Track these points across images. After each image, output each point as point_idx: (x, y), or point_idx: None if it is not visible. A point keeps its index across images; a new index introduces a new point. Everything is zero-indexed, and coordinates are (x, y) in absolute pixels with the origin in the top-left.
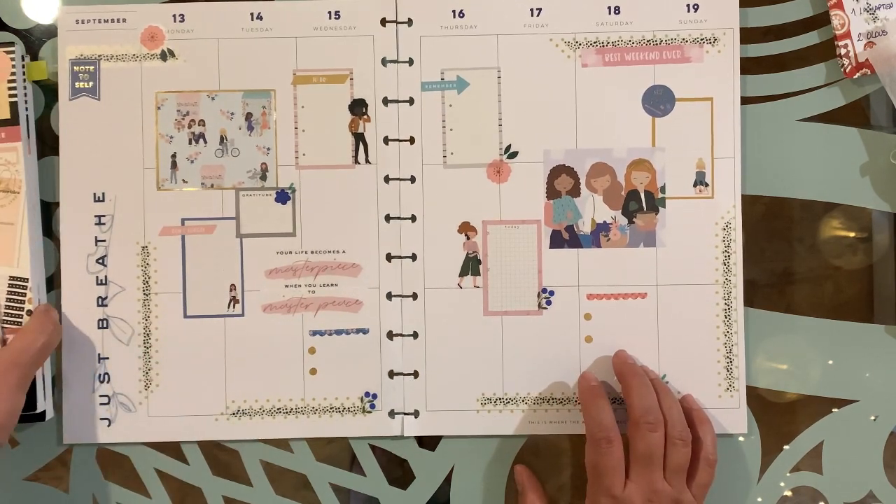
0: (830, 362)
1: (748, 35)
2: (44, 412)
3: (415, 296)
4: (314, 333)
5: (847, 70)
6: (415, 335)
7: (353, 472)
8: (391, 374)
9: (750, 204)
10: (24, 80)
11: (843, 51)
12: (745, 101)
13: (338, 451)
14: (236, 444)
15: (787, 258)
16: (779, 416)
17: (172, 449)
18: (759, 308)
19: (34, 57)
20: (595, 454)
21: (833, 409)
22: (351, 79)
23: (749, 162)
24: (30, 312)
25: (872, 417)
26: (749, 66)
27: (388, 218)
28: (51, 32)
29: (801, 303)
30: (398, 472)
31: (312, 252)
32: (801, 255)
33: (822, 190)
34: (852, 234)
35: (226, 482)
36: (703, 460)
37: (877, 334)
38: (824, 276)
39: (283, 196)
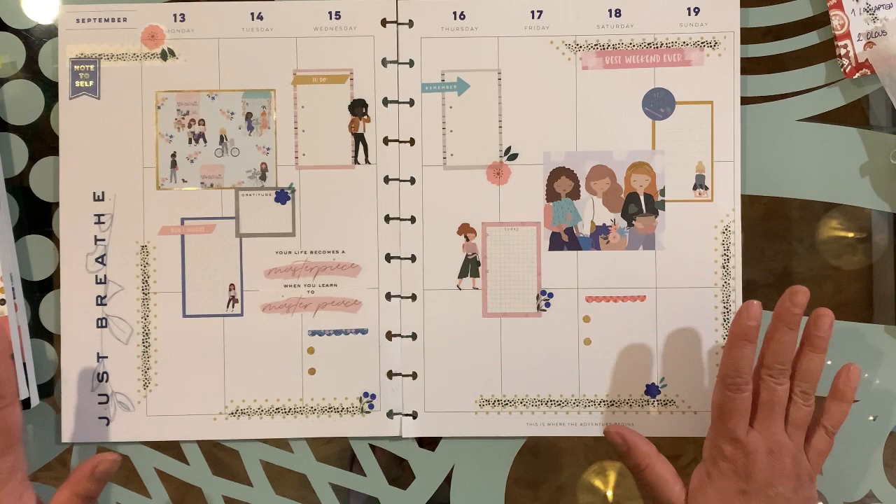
0: (830, 362)
1: (748, 35)
2: (28, 399)
3: (414, 297)
4: (313, 333)
5: (847, 70)
6: (414, 336)
7: (353, 472)
8: (390, 375)
9: (749, 204)
10: None
11: (842, 51)
12: (745, 101)
13: (338, 451)
14: (236, 444)
15: (786, 258)
16: None
17: (172, 448)
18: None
19: (34, 57)
20: (722, 396)
21: None
22: (351, 79)
23: (749, 162)
24: (2, 302)
25: (872, 417)
26: (749, 67)
27: (387, 219)
28: (51, 32)
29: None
30: (398, 472)
31: (312, 252)
32: (801, 255)
33: (822, 190)
34: (851, 234)
35: (226, 482)
36: (822, 427)
37: (877, 334)
38: (824, 276)
39: (282, 196)
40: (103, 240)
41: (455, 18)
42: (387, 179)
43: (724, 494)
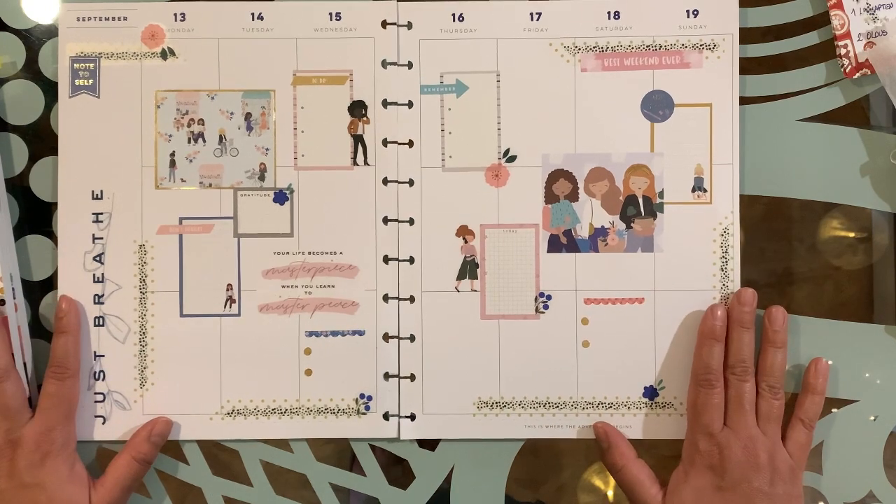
0: (830, 362)
1: (748, 35)
2: (29, 398)
3: (412, 299)
4: (310, 334)
5: (847, 70)
6: (412, 338)
7: (353, 472)
8: (386, 377)
9: (749, 204)
10: None
11: (843, 51)
12: (745, 101)
13: (338, 451)
14: (236, 444)
15: (786, 258)
16: None
17: (172, 448)
18: (758, 308)
19: (34, 57)
20: (695, 393)
21: (833, 409)
22: (351, 80)
23: (749, 162)
24: (2, 302)
25: (872, 417)
26: (749, 67)
27: (385, 220)
28: (51, 32)
29: (801, 303)
30: (398, 472)
31: (310, 253)
32: (801, 255)
33: (822, 190)
34: (852, 234)
35: (226, 482)
36: (800, 421)
37: (877, 334)
38: (824, 276)
39: (281, 196)
40: (101, 238)
41: (454, 20)
42: (385, 181)
43: (700, 492)
